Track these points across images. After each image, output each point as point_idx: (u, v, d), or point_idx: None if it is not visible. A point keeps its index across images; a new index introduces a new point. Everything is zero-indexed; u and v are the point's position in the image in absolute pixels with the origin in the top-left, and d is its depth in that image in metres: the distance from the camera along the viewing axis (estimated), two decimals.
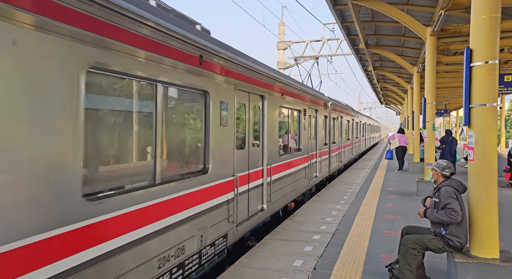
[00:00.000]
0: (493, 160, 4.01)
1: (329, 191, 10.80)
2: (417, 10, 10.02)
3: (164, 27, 3.64)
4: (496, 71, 3.97)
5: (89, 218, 2.81)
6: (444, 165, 4.39)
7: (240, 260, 5.19)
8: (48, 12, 2.50)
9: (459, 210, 4.00)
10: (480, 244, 4.01)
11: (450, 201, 4.04)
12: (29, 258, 2.39)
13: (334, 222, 7.23)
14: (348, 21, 11.89)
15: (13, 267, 2.30)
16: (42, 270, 2.46)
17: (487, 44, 3.97)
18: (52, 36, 2.53)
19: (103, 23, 2.95)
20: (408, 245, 4.19)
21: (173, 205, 3.89)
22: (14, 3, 2.29)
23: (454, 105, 33.51)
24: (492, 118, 4.00)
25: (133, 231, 3.27)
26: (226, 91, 5.12)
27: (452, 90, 22.64)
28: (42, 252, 2.46)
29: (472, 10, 4.15)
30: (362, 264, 5.03)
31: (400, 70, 18.98)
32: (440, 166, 4.40)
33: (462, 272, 3.84)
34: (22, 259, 2.34)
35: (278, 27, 23.14)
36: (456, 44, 11.81)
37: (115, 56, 3.07)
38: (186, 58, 4.11)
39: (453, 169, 4.40)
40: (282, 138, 8.07)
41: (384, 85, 26.11)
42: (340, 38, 22.16)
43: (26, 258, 2.37)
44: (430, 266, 4.66)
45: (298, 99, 8.98)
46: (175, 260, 3.91)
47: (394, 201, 9.33)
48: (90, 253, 2.81)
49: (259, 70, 6.28)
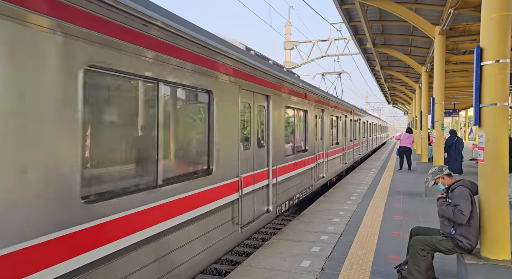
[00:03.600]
0: (505, 161, 3.95)
1: (337, 192, 10.75)
2: (425, 9, 9.92)
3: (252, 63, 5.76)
4: (507, 70, 3.91)
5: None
6: (437, 168, 4.48)
7: (248, 260, 5.18)
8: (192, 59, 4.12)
9: (467, 214, 3.94)
10: (491, 245, 3.95)
11: (461, 202, 4.00)
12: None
13: (342, 223, 7.19)
14: (355, 20, 11.83)
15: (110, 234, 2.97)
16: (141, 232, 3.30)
17: (498, 43, 3.92)
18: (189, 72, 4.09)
19: (226, 67, 4.94)
20: (418, 246, 4.15)
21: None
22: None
23: (463, 104, 33.17)
24: (503, 118, 3.95)
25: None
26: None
27: (461, 89, 22.40)
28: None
29: (483, 9, 4.10)
30: (370, 265, 4.99)
31: (408, 69, 18.82)
32: (436, 172, 4.44)
33: (473, 273, 3.78)
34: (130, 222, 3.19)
35: (284, 27, 23.12)
36: (466, 43, 11.67)
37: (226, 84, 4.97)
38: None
39: (446, 166, 4.52)
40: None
41: (391, 84, 25.92)
42: (347, 38, 22.06)
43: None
44: (439, 268, 4.61)
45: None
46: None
47: (402, 202, 9.25)
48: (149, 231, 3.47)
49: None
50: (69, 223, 2.63)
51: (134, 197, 3.29)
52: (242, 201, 5.43)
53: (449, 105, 30.58)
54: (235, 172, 5.26)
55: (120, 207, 3.10)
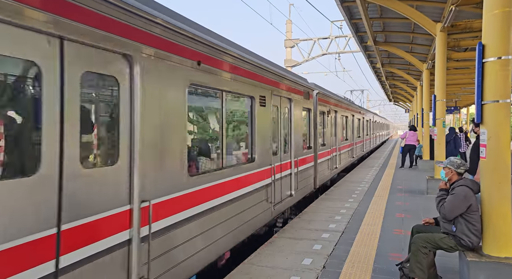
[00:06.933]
0: (507, 157, 3.93)
1: (338, 190, 10.75)
2: (426, 6, 9.89)
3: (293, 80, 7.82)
4: (510, 67, 3.89)
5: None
6: (459, 162, 4.32)
7: (249, 258, 5.19)
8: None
9: (449, 208, 4.06)
10: (493, 242, 3.94)
11: (451, 199, 4.07)
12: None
13: (343, 221, 7.19)
14: (356, 18, 11.79)
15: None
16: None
17: (500, 39, 3.90)
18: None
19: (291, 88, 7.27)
20: (419, 243, 4.14)
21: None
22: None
23: (465, 102, 33.08)
24: (506, 115, 3.93)
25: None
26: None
27: (463, 86, 22.35)
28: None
29: (484, 5, 4.08)
30: (372, 263, 4.99)
31: (409, 67, 18.78)
32: (454, 164, 4.31)
33: (475, 271, 3.78)
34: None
35: (285, 25, 23.07)
36: (467, 40, 11.64)
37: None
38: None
39: (467, 166, 4.34)
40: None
41: (392, 82, 25.86)
42: (348, 35, 22.01)
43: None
44: (441, 265, 4.61)
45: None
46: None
47: (403, 200, 9.24)
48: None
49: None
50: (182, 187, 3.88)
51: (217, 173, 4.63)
52: (274, 184, 6.68)
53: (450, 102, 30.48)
54: (269, 161, 6.50)
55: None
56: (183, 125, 3.91)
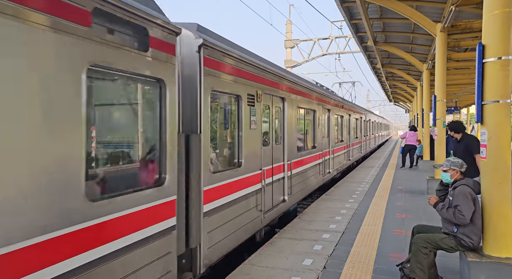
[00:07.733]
0: (507, 158, 3.93)
1: (338, 190, 10.74)
2: (426, 6, 9.88)
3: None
4: (510, 67, 3.89)
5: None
6: (460, 162, 4.31)
7: (250, 259, 5.19)
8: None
9: (467, 215, 3.93)
10: (494, 243, 3.94)
11: (461, 203, 3.99)
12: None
13: (344, 221, 7.19)
14: (356, 18, 11.79)
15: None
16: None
17: (500, 40, 3.90)
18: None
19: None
20: (420, 244, 4.14)
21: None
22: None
23: (465, 102, 33.05)
24: (506, 115, 3.93)
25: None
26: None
27: (463, 87, 22.33)
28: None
29: (485, 6, 4.08)
30: (373, 263, 4.99)
31: (409, 67, 18.77)
32: (457, 164, 4.29)
33: (476, 271, 3.78)
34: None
35: (285, 25, 23.07)
36: (467, 40, 11.64)
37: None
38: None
39: (465, 165, 4.35)
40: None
41: (393, 82, 25.85)
42: (348, 36, 22.00)
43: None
44: (442, 265, 4.61)
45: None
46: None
47: (404, 200, 9.24)
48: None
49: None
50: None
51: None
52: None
53: (450, 102, 30.46)
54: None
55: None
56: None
